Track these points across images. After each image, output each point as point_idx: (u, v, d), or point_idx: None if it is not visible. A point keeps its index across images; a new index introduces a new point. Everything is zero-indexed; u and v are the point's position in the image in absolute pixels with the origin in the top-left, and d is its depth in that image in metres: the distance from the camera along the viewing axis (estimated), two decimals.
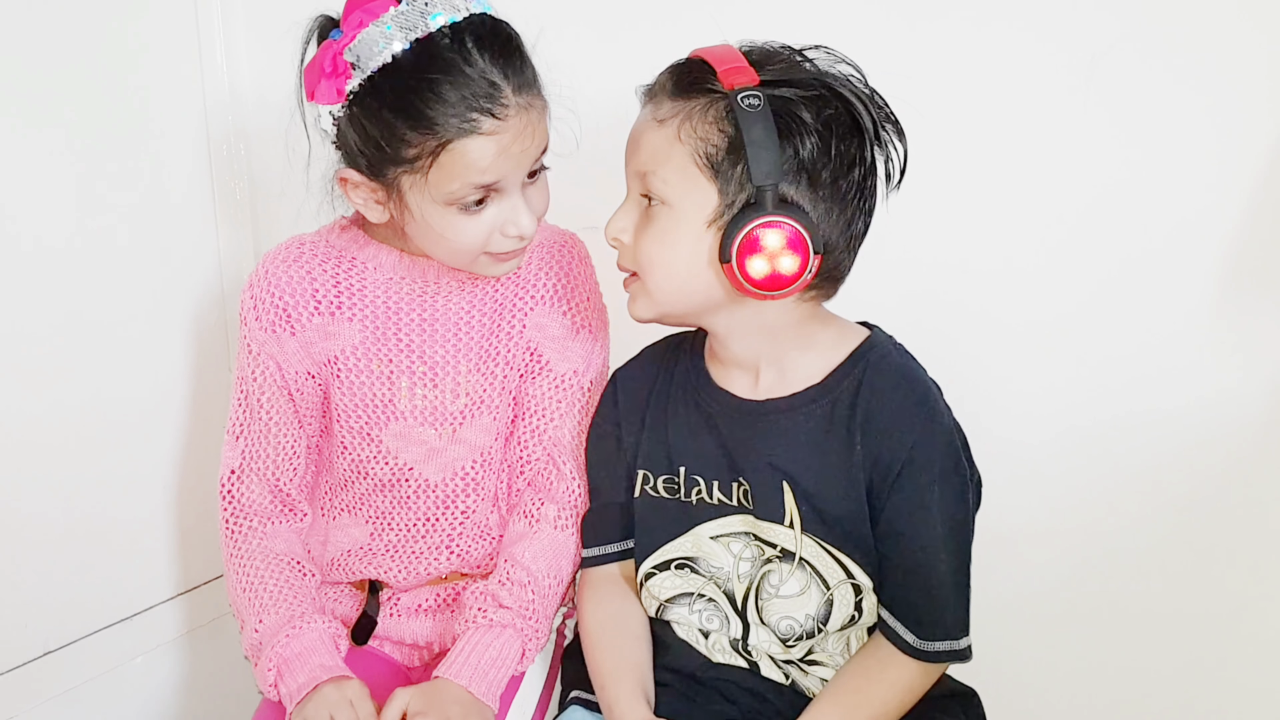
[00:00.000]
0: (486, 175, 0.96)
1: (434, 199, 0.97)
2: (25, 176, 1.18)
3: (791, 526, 0.97)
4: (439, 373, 1.09)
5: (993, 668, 1.05)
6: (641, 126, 0.94)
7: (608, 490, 1.07)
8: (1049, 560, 1.23)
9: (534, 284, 1.11)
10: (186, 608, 1.38)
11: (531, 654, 1.07)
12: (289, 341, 1.08)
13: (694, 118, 0.90)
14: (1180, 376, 1.16)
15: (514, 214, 1.00)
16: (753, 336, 0.96)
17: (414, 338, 1.09)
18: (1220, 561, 1.18)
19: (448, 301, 1.09)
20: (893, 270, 1.16)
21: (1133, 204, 1.15)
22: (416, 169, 0.96)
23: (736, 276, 0.89)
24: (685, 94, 0.91)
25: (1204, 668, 1.20)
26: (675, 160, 0.90)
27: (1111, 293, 1.18)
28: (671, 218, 0.92)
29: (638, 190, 0.94)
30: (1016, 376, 1.22)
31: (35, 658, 1.22)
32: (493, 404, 1.11)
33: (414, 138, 0.94)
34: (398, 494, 1.12)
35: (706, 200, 0.90)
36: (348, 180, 1.01)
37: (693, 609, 1.02)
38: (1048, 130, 1.17)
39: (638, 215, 0.94)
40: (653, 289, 0.94)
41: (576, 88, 1.02)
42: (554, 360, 1.11)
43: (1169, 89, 1.12)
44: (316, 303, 1.08)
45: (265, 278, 1.08)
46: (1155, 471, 1.19)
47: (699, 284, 0.93)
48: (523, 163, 0.98)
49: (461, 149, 0.95)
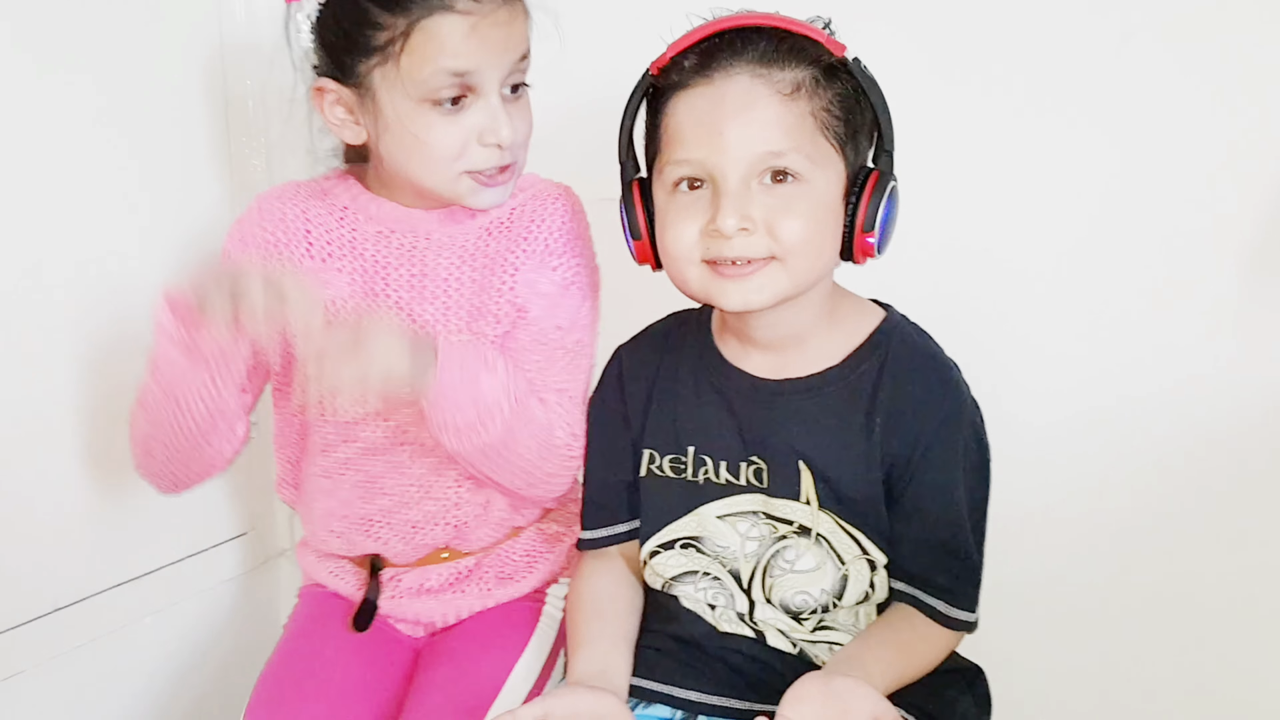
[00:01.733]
0: (459, 60, 0.93)
1: (407, 93, 0.94)
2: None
3: (808, 503, 0.96)
4: (429, 332, 1.05)
5: (998, 646, 1.06)
6: (753, 101, 0.87)
7: (612, 469, 1.05)
8: (1061, 543, 1.24)
9: (526, 237, 1.06)
10: (191, 571, 1.38)
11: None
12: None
13: (820, 88, 0.89)
14: (1198, 365, 1.16)
15: (492, 120, 0.96)
16: (792, 312, 0.94)
17: (403, 294, 1.06)
18: (1231, 548, 1.18)
19: (438, 258, 1.06)
20: (912, 257, 1.15)
21: (1153, 192, 1.15)
22: (388, 56, 0.94)
23: (870, 245, 0.91)
24: (793, 63, 0.88)
25: (1214, 653, 1.20)
26: (808, 134, 0.88)
27: (1131, 281, 1.17)
28: (812, 195, 0.89)
29: (752, 172, 0.88)
30: (1034, 362, 1.22)
31: (45, 613, 1.23)
32: None
33: (384, 18, 0.93)
34: (390, 459, 1.09)
35: (838, 173, 0.90)
36: (323, 91, 0.99)
37: (698, 587, 1.02)
38: (1069, 118, 1.16)
39: (757, 199, 0.88)
40: (797, 271, 0.90)
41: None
42: (539, 315, 1.06)
43: (1191, 81, 1.11)
44: (309, 244, 1.06)
45: (258, 210, 1.06)
46: (1169, 460, 1.19)
47: (830, 259, 0.93)
48: (499, 56, 0.95)
49: (433, 26, 0.92)
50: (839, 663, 0.93)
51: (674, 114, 0.92)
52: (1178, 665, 1.21)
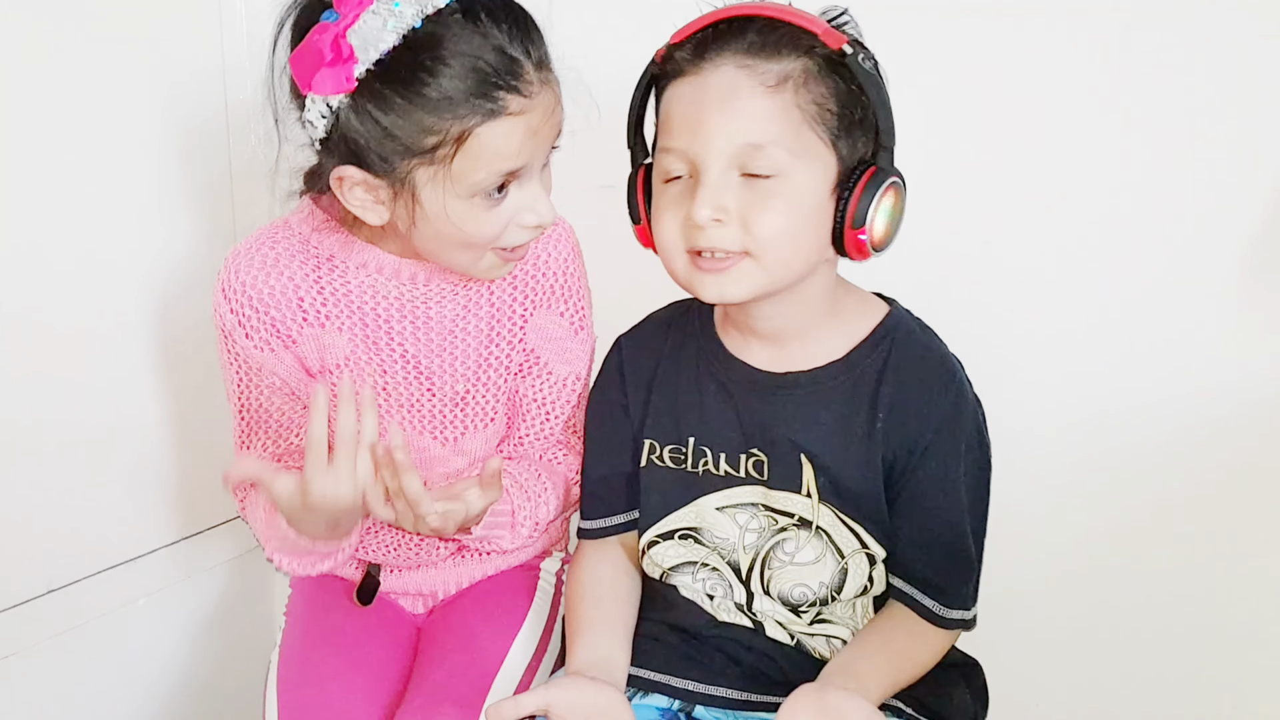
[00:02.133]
0: (514, 161, 0.89)
1: (456, 192, 0.89)
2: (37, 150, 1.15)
3: (809, 496, 0.96)
4: (436, 382, 1.04)
5: (996, 640, 1.06)
6: (734, 93, 0.86)
7: (612, 459, 1.05)
8: (1062, 539, 1.23)
9: (532, 284, 1.05)
10: (188, 552, 1.38)
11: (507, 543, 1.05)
12: (284, 355, 1.01)
13: (809, 81, 0.86)
14: (1202, 365, 1.15)
15: (534, 201, 0.92)
16: (793, 305, 0.94)
17: (407, 346, 1.03)
18: (1234, 545, 1.18)
19: (440, 307, 1.03)
20: (913, 255, 1.14)
21: (1157, 191, 1.14)
22: (438, 159, 0.88)
23: (865, 241, 0.88)
24: (781, 55, 0.86)
25: (1214, 649, 1.20)
26: (792, 128, 0.86)
27: (1134, 280, 1.16)
28: (793, 189, 0.87)
29: (733, 164, 0.87)
30: (1036, 362, 1.21)
31: (40, 594, 1.22)
32: (495, 413, 1.07)
33: (434, 124, 0.86)
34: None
35: (826, 167, 0.87)
36: (344, 180, 0.91)
37: (696, 578, 1.02)
38: (1076, 104, 1.15)
39: (735, 191, 0.87)
40: (772, 265, 0.88)
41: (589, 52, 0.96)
42: (554, 364, 1.07)
43: (1193, 77, 1.10)
44: (304, 314, 1.00)
45: (244, 290, 0.99)
46: (1171, 457, 1.18)
47: (815, 255, 0.90)
48: (547, 146, 0.92)
49: (488, 133, 0.87)
50: (833, 673, 0.92)
51: (667, 103, 0.91)
52: (1177, 661, 1.21)
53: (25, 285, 1.16)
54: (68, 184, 1.18)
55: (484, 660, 1.06)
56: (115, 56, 1.19)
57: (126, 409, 1.28)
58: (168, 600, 1.35)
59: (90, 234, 1.22)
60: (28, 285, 1.16)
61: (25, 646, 1.20)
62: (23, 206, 1.14)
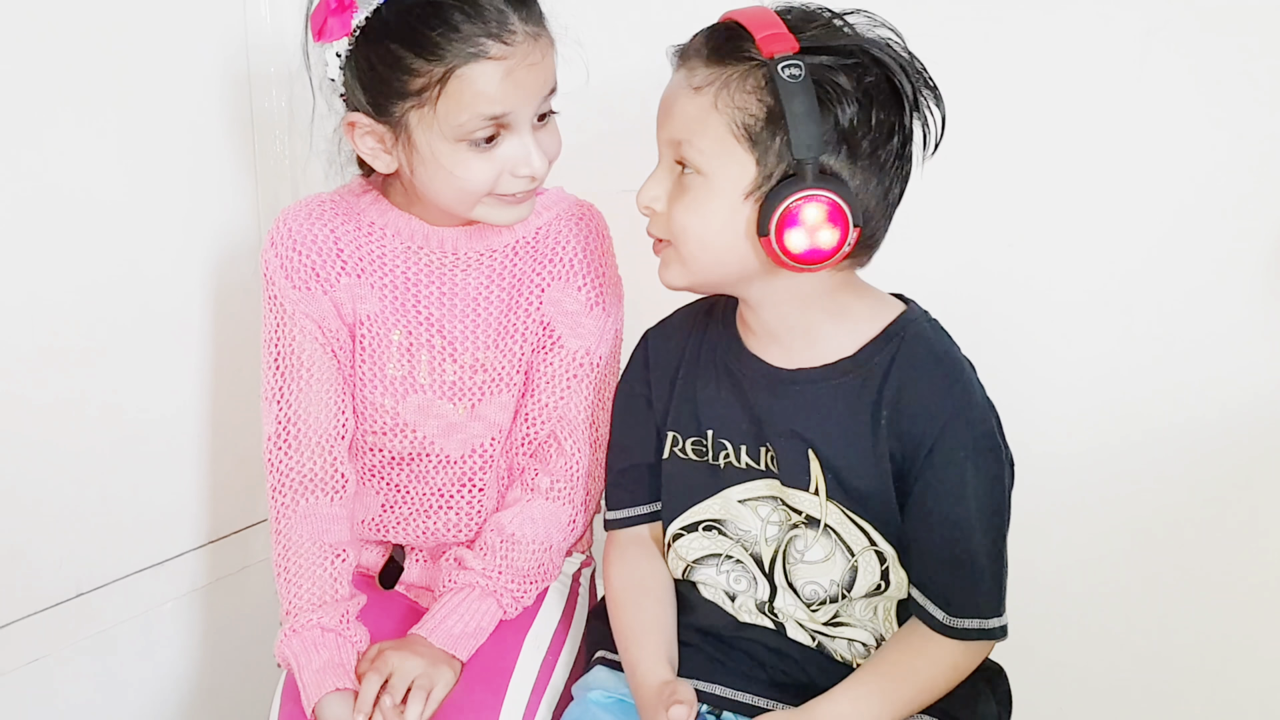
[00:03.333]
0: (495, 105, 0.95)
1: (443, 134, 0.96)
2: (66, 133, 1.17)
3: (817, 494, 0.96)
4: (458, 347, 1.09)
5: (1021, 646, 1.05)
6: (675, 93, 0.92)
7: (636, 451, 1.06)
8: (1085, 543, 1.23)
9: (552, 258, 1.09)
10: (214, 557, 1.39)
11: (511, 608, 1.08)
12: (322, 300, 1.07)
13: (731, 86, 0.88)
14: (1225, 359, 1.15)
15: (525, 152, 0.98)
16: (785, 306, 0.95)
17: (433, 311, 1.08)
18: (1256, 548, 1.17)
19: (466, 275, 1.08)
20: (939, 244, 1.15)
21: (1174, 196, 1.13)
22: (424, 100, 0.95)
23: (775, 250, 0.87)
24: (721, 60, 0.89)
25: (1235, 653, 1.19)
26: (712, 129, 0.88)
27: (1152, 284, 1.16)
28: (706, 188, 0.90)
29: (670, 157, 0.92)
30: (1060, 354, 1.21)
31: (70, 598, 1.24)
32: (511, 380, 1.10)
33: (420, 66, 0.94)
34: (415, 469, 1.12)
35: (743, 171, 0.88)
36: (355, 125, 0.99)
37: (720, 570, 1.02)
38: (1098, 106, 1.15)
39: (670, 183, 0.92)
40: (686, 258, 0.92)
41: (602, 40, 1.00)
42: (566, 336, 1.10)
43: (1221, 67, 1.10)
44: (343, 263, 1.07)
45: (290, 235, 1.06)
46: (1193, 459, 1.17)
47: (734, 255, 0.91)
48: (532, 96, 0.97)
49: (469, 75, 0.93)
50: (816, 704, 0.93)
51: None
52: (1199, 665, 1.20)
53: (52, 300, 1.18)
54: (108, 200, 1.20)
55: (501, 657, 1.07)
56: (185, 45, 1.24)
57: (154, 415, 1.29)
58: (194, 604, 1.37)
59: (127, 240, 1.24)
60: (55, 300, 1.18)
61: (54, 650, 1.22)
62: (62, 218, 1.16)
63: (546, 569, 1.11)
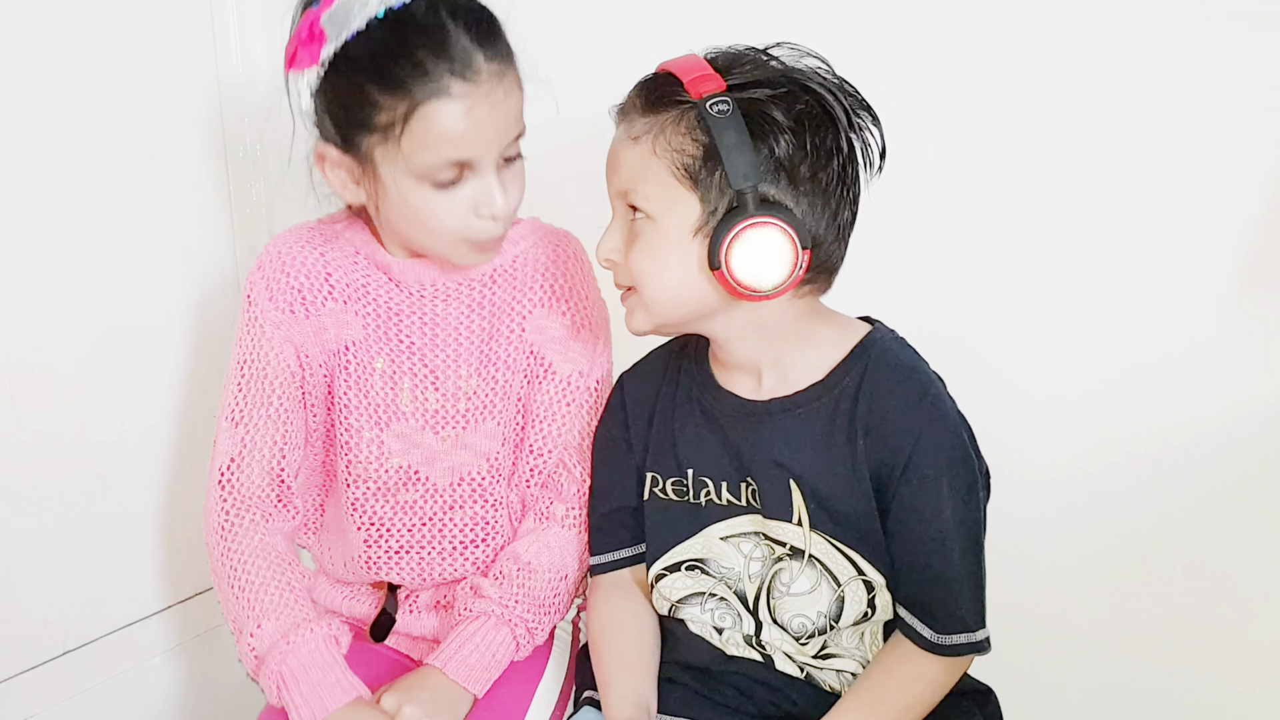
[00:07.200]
0: (458, 149, 0.95)
1: (408, 170, 0.96)
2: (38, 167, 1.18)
3: (800, 524, 0.96)
4: (440, 376, 1.09)
5: (1008, 666, 1.05)
6: (617, 147, 0.94)
7: (617, 494, 1.07)
8: (1065, 559, 1.23)
9: (531, 285, 1.10)
10: (178, 619, 1.37)
11: (525, 641, 1.07)
12: (303, 324, 1.07)
13: (667, 131, 0.90)
14: (1200, 375, 1.15)
15: (488, 193, 0.98)
16: (752, 338, 0.96)
17: (414, 339, 1.09)
18: (1239, 562, 1.17)
19: (445, 305, 1.09)
20: (906, 268, 1.15)
21: (1151, 200, 1.14)
22: (389, 136, 0.95)
23: (729, 281, 0.89)
24: (655, 108, 0.91)
25: (1223, 670, 1.19)
26: (654, 175, 0.91)
27: (1130, 291, 1.17)
28: (657, 231, 0.92)
29: (622, 207, 0.95)
30: (1032, 373, 1.22)
31: (55, 656, 1.23)
32: (495, 409, 1.10)
33: (385, 100, 0.94)
34: (399, 499, 1.11)
35: (689, 210, 0.90)
36: (324, 157, 1.01)
37: (705, 608, 1.02)
38: (1064, 126, 1.16)
39: (626, 232, 0.94)
40: (649, 302, 0.94)
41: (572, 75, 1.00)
42: (556, 362, 1.10)
43: (1187, 84, 1.11)
44: (330, 288, 1.08)
45: (279, 257, 1.07)
46: (1173, 471, 1.18)
47: (692, 293, 0.93)
48: (496, 136, 0.97)
49: (432, 112, 0.94)
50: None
51: None
52: (1189, 681, 1.20)
53: (45, 336, 1.18)
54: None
55: (508, 713, 1.06)
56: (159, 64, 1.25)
57: (140, 467, 1.29)
58: (181, 657, 1.36)
59: (104, 276, 1.24)
60: (47, 336, 1.18)
61: (42, 710, 1.21)
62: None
63: (561, 599, 1.10)
